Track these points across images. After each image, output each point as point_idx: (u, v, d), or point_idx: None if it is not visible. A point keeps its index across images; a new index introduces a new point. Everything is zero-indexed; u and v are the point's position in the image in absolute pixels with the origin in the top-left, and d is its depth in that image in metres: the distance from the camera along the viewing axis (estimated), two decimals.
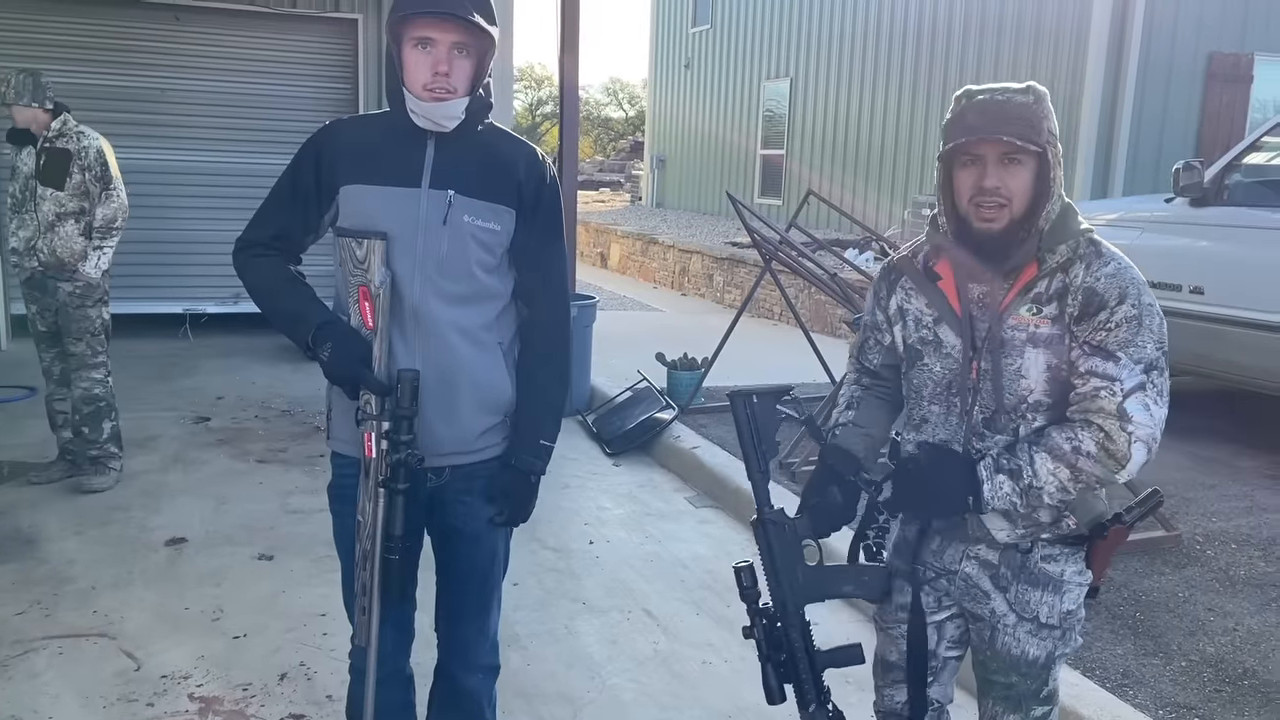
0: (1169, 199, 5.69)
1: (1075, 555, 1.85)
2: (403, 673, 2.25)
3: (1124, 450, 1.66)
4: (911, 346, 1.91)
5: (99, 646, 3.24)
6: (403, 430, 1.91)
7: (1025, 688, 1.89)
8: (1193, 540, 4.22)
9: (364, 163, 1.98)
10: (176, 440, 5.49)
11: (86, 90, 7.47)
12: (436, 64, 1.91)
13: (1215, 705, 3.00)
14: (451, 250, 1.98)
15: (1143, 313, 1.70)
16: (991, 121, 1.70)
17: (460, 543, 2.15)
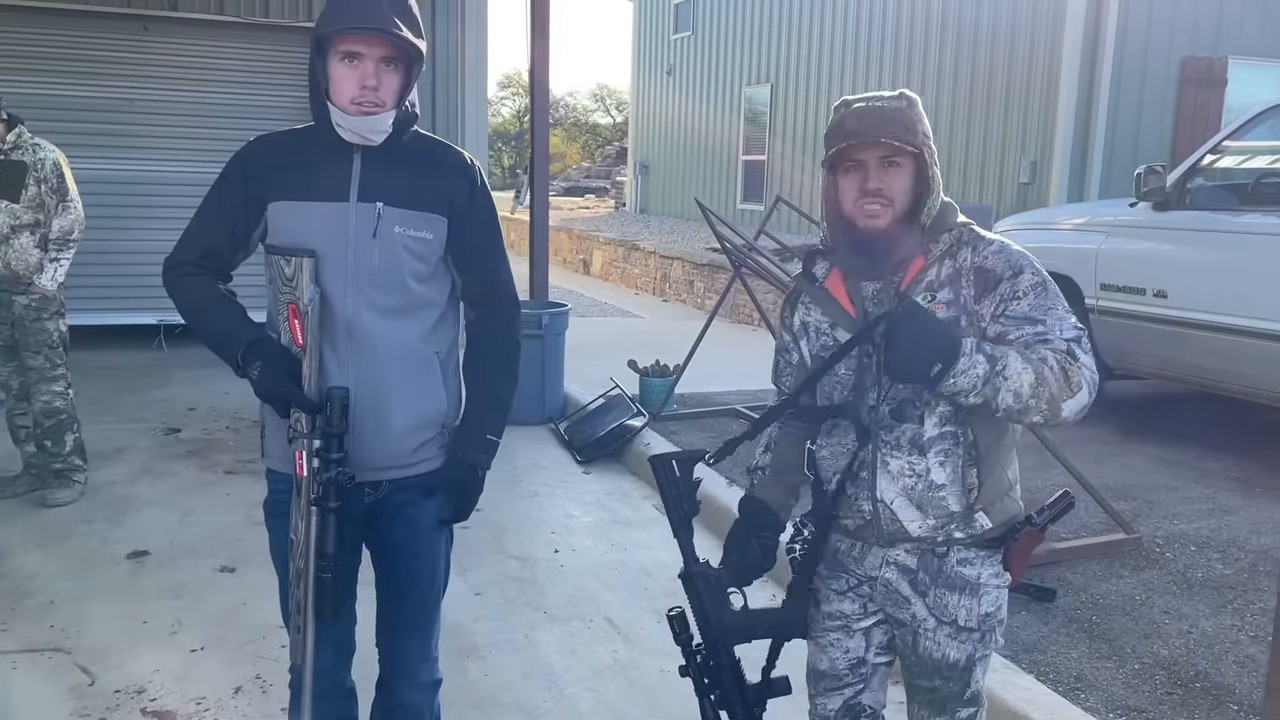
0: (1133, 203, 5.73)
1: (991, 558, 1.89)
2: (343, 686, 2.25)
3: (1077, 379, 1.71)
4: (817, 356, 1.96)
5: (54, 661, 3.23)
6: (334, 448, 1.91)
7: (949, 690, 1.92)
8: (1153, 543, 4.25)
9: (291, 178, 1.98)
10: (145, 452, 5.48)
11: (54, 101, 7.47)
12: (364, 78, 1.91)
13: (1166, 708, 3.02)
14: (383, 262, 1.99)
15: (1044, 280, 1.81)
16: (870, 126, 1.78)
17: (399, 556, 2.16)
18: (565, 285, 13.71)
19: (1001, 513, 1.87)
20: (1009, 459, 1.92)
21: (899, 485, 1.85)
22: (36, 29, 7.46)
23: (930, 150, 1.82)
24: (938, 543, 1.87)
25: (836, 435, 1.93)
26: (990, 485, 1.85)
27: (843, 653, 2.02)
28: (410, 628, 2.20)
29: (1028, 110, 10.88)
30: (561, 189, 27.95)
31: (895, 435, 1.84)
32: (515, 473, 5.42)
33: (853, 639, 2.01)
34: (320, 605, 1.96)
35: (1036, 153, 10.80)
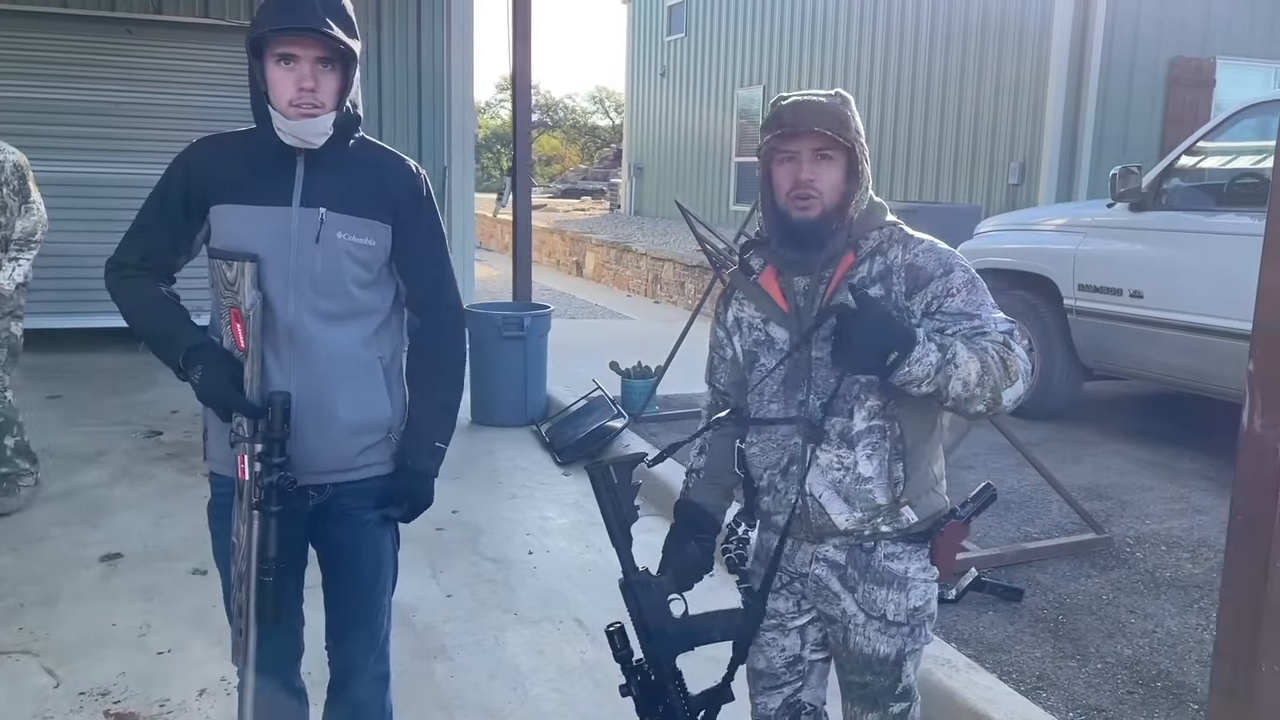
0: (1110, 204, 5.74)
1: (918, 553, 1.92)
2: (291, 686, 2.26)
3: (1016, 370, 1.76)
4: (749, 351, 1.99)
5: (20, 664, 3.24)
6: (275, 453, 1.92)
7: (880, 685, 1.94)
8: (1124, 543, 4.26)
9: (233, 182, 1.99)
10: (126, 455, 5.48)
11: (38, 104, 7.50)
12: (301, 80, 1.91)
13: (1126, 707, 3.03)
14: (325, 268, 2.00)
15: (974, 277, 1.85)
16: (804, 118, 1.83)
17: (343, 555, 2.17)
18: (558, 287, 13.73)
19: (927, 507, 1.90)
20: (935, 455, 1.94)
21: (827, 478, 1.88)
22: (19, 32, 7.47)
23: (861, 146, 1.86)
24: (864, 536, 1.89)
25: (767, 431, 1.95)
26: (916, 480, 1.88)
27: (779, 651, 2.04)
28: (355, 623, 2.21)
29: (1016, 112, 10.89)
30: (559, 191, 27.97)
31: (825, 429, 1.87)
32: (494, 475, 5.44)
33: (788, 637, 2.03)
34: (262, 608, 1.97)
35: (1025, 154, 10.81)
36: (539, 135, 36.82)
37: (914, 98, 12.31)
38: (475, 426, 6.36)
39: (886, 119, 12.71)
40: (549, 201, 24.60)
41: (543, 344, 6.49)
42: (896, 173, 12.64)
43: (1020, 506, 4.72)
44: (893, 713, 1.96)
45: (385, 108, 8.18)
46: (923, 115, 12.17)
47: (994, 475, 5.13)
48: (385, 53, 8.16)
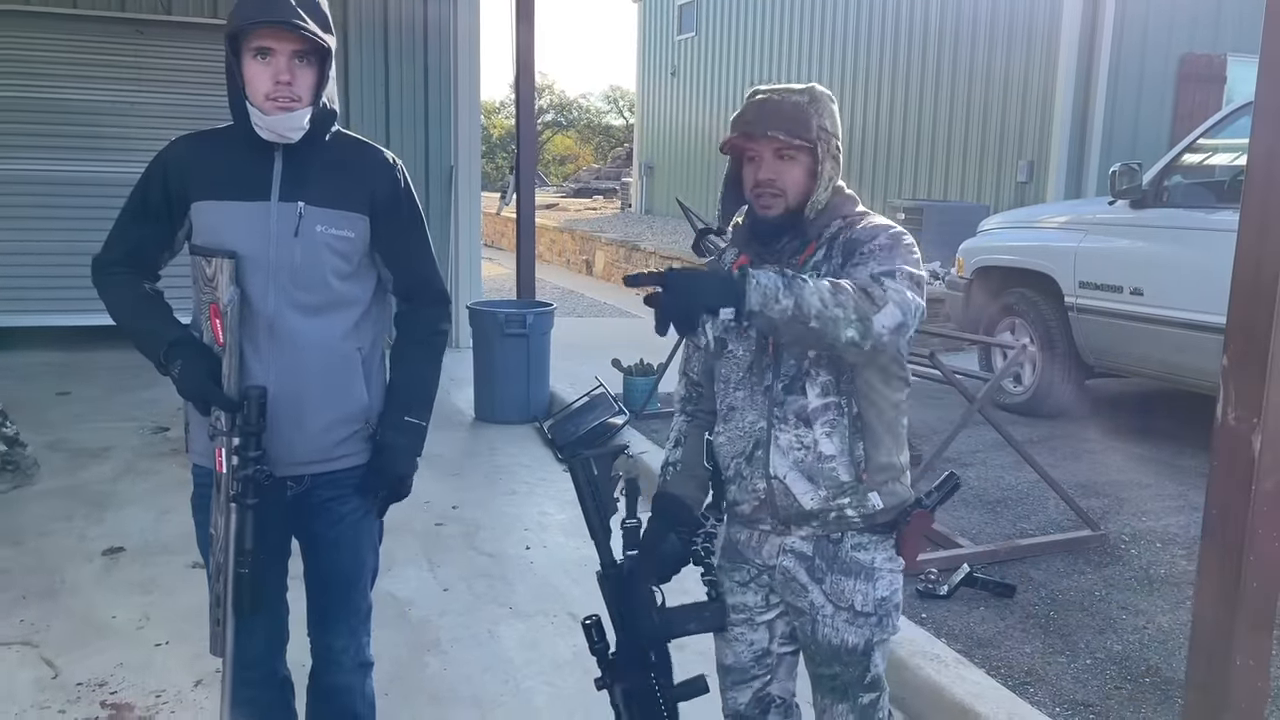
0: (1112, 202, 5.73)
1: (884, 543, 1.94)
2: (277, 675, 2.30)
3: (880, 296, 1.70)
4: (719, 339, 2.01)
5: (19, 655, 3.29)
6: (251, 446, 1.95)
7: (849, 676, 1.96)
8: (1119, 539, 4.26)
9: (212, 178, 2.02)
10: (131, 451, 5.54)
11: (50, 104, 7.59)
12: (277, 74, 1.94)
13: (1113, 703, 3.04)
14: (305, 261, 2.03)
15: (895, 243, 1.84)
16: (764, 119, 1.84)
17: (323, 547, 2.20)
18: (567, 285, 13.77)
19: (892, 495, 1.92)
20: (899, 446, 1.96)
21: (790, 459, 1.90)
22: (31, 33, 7.55)
23: (827, 145, 1.87)
24: (830, 520, 1.91)
25: (734, 420, 1.98)
26: (880, 462, 1.90)
27: (747, 645, 2.06)
28: (336, 613, 2.25)
29: (1025, 110, 10.86)
30: (571, 190, 27.99)
31: (784, 409, 1.90)
32: (495, 471, 5.47)
33: (756, 632, 2.05)
34: (239, 600, 2.00)
35: (1033, 152, 10.78)
36: (553, 135, 36.85)
37: (922, 95, 12.29)
38: (478, 423, 6.41)
39: (895, 117, 12.70)
40: (561, 200, 24.65)
41: (545, 341, 6.52)
42: (905, 171, 12.62)
43: (1017, 503, 4.72)
44: (862, 703, 1.97)
45: (392, 106, 8.22)
46: (931, 113, 12.15)
47: (991, 472, 5.14)
48: (392, 51, 8.20)
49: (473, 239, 8.67)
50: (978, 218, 7.95)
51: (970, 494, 4.85)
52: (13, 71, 7.55)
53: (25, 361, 7.53)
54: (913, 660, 3.16)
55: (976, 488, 4.94)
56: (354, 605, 2.26)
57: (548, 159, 35.34)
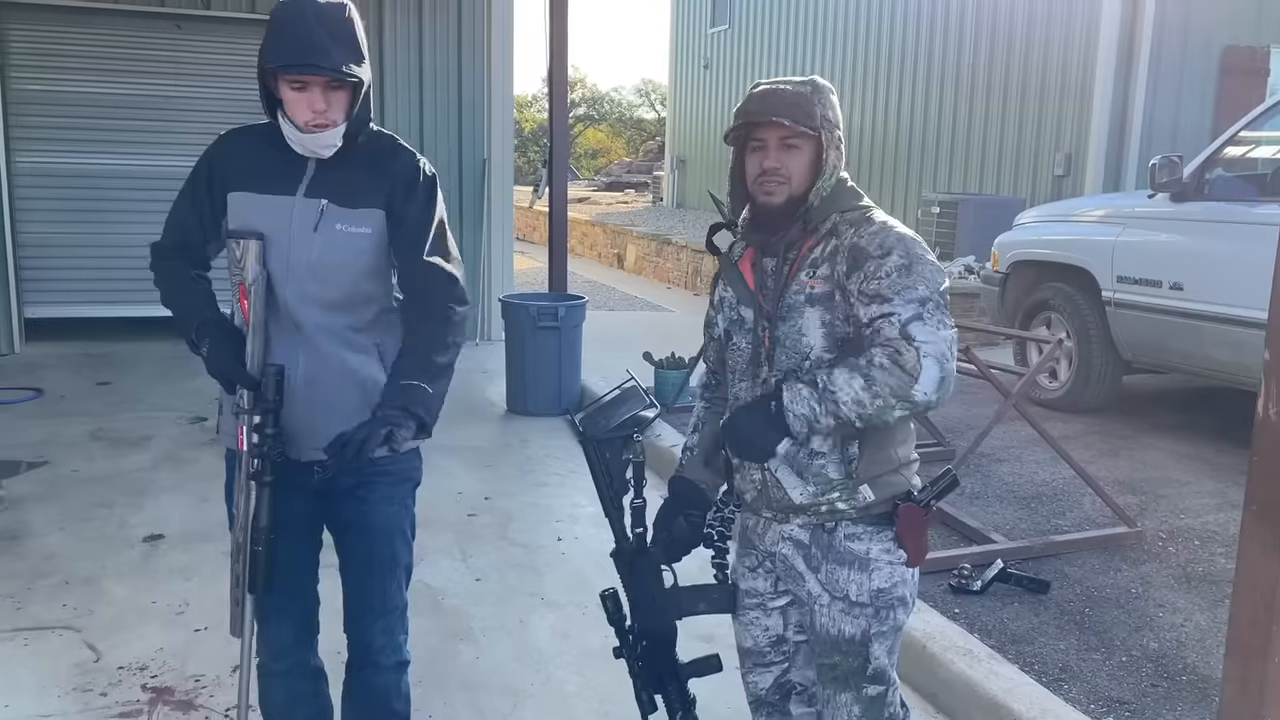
0: (1151, 195, 5.66)
1: (880, 534, 1.93)
2: (308, 664, 2.32)
3: (914, 362, 1.73)
4: (727, 330, 2.04)
5: (63, 639, 3.36)
6: (269, 423, 2.00)
7: (848, 666, 1.96)
8: (1156, 536, 4.21)
9: (249, 171, 2.08)
10: (170, 440, 5.63)
11: (91, 99, 7.71)
12: (313, 103, 1.98)
13: (1149, 700, 3.01)
14: (324, 257, 2.06)
15: (913, 262, 1.82)
16: (769, 108, 1.86)
17: (354, 538, 2.22)
18: (598, 279, 13.79)
19: (886, 487, 1.92)
20: (900, 438, 1.96)
21: (783, 454, 1.92)
22: (72, 28, 7.66)
23: (830, 135, 1.88)
24: (821, 512, 1.92)
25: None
26: (873, 459, 1.90)
27: (762, 630, 2.09)
28: (371, 610, 2.26)
29: (1062, 102, 10.72)
30: (603, 184, 28.01)
31: None
32: (527, 463, 5.50)
33: (770, 617, 2.07)
34: (254, 578, 2.05)
35: (1071, 145, 10.64)
36: (585, 129, 36.87)
37: (958, 86, 12.17)
38: (510, 415, 6.44)
39: (930, 109, 12.59)
40: (592, 194, 24.66)
41: (577, 334, 6.54)
42: (940, 164, 12.51)
43: (1051, 499, 4.68)
44: (868, 695, 1.97)
45: (426, 100, 8.26)
46: (967, 105, 12.03)
47: (1026, 468, 5.10)
48: (426, 45, 8.23)
49: (505, 232, 8.70)
50: (1014, 211, 7.87)
51: (1004, 490, 4.82)
52: (54, 66, 7.67)
53: (67, 352, 7.67)
54: (945, 655, 3.14)
55: (1010, 483, 4.91)
56: (388, 601, 2.27)
57: (580, 153, 35.37)
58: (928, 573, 3.75)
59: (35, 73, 7.63)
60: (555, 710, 3.08)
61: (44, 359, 7.46)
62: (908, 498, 1.92)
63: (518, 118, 21.12)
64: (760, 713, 2.18)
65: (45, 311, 7.94)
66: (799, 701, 2.12)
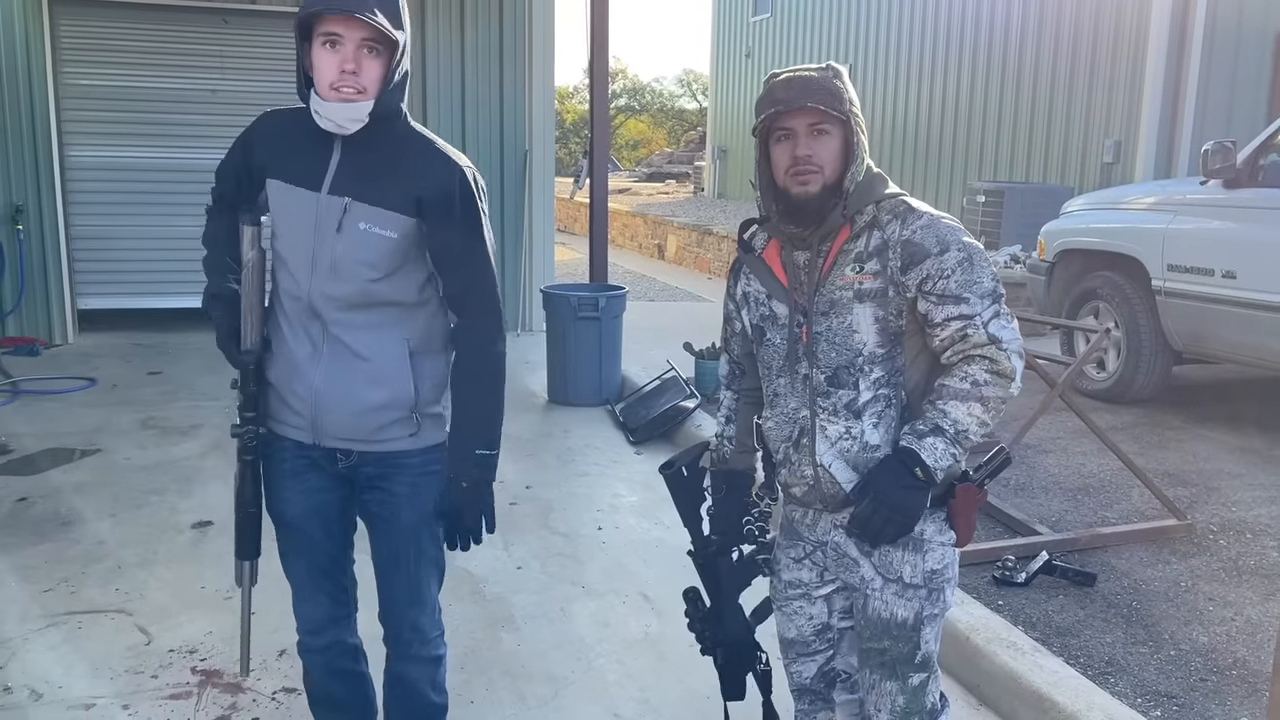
0: (1203, 181, 5.54)
1: (933, 515, 1.92)
2: (345, 642, 2.35)
3: (1009, 366, 1.80)
4: (756, 327, 2.02)
5: (115, 622, 3.44)
6: (246, 406, 2.10)
7: (898, 652, 1.95)
8: (1206, 529, 4.13)
9: (283, 157, 2.07)
10: (218, 429, 5.71)
11: (139, 93, 7.85)
12: (344, 62, 1.92)
13: (1198, 695, 2.96)
14: (344, 256, 2.03)
15: (971, 254, 1.83)
16: (798, 94, 1.83)
17: (381, 529, 2.24)
18: (639, 270, 13.80)
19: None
20: None
21: (836, 448, 1.91)
22: (122, 23, 7.80)
23: (857, 118, 1.86)
24: None
25: (778, 406, 1.99)
26: None
27: (807, 620, 2.08)
28: (399, 603, 2.27)
29: (1112, 87, 10.53)
30: (644, 174, 27.98)
31: (832, 401, 1.90)
32: (568, 453, 5.53)
33: (814, 606, 2.07)
34: (240, 544, 2.24)
35: (1121, 132, 10.45)
36: (626, 120, 36.85)
37: (1004, 72, 11.99)
38: (551, 405, 6.47)
39: (976, 96, 12.42)
40: (633, 185, 24.66)
41: (618, 324, 6.55)
42: (985, 152, 12.35)
43: (1098, 491, 4.61)
44: (912, 684, 1.96)
45: (468, 92, 8.30)
46: (1014, 91, 11.85)
47: (1072, 460, 5.03)
48: (468, 38, 8.27)
49: (546, 223, 8.73)
50: (1061, 199, 7.75)
51: (1050, 481, 4.76)
52: (105, 61, 7.81)
53: (118, 343, 7.83)
54: (989, 647, 3.11)
55: (1056, 475, 4.84)
56: (415, 595, 2.26)
57: (621, 144, 35.36)
58: (972, 564, 3.72)
59: (86, 68, 7.78)
60: (596, 698, 3.09)
61: (96, 349, 7.62)
62: (964, 477, 1.91)
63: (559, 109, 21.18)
64: (804, 700, 2.18)
65: (97, 303, 8.12)
66: (842, 689, 2.12)
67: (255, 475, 2.14)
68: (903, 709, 1.96)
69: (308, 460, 2.16)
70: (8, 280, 7.50)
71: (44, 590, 3.64)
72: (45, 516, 4.35)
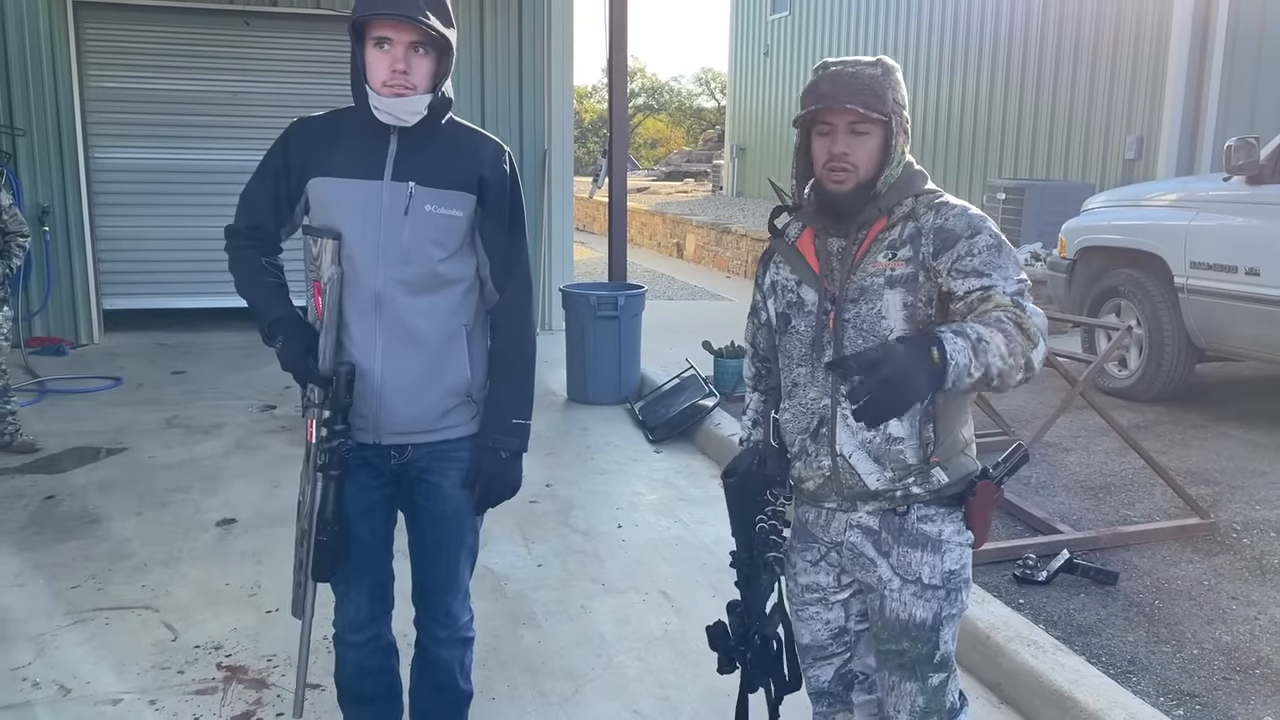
0: (1226, 178, 5.49)
1: (952, 515, 1.91)
2: (382, 639, 2.39)
3: (1031, 329, 1.72)
4: (781, 314, 2.01)
5: (142, 618, 3.48)
6: (337, 420, 2.06)
7: (917, 653, 1.94)
8: (1229, 528, 4.10)
9: (330, 156, 2.11)
10: (241, 427, 5.78)
11: (162, 95, 7.93)
12: (394, 62, 2.01)
13: (1221, 694, 2.95)
14: (412, 239, 2.10)
15: (1001, 244, 1.82)
16: (841, 91, 1.81)
17: (425, 520, 2.28)
18: (657, 269, 13.80)
19: (958, 468, 1.91)
20: (965, 418, 1.94)
21: (858, 439, 1.89)
22: (146, 26, 7.87)
23: (900, 119, 1.85)
24: (896, 498, 1.90)
25: (797, 396, 1.98)
26: (947, 441, 1.88)
27: (823, 624, 2.08)
28: (437, 588, 2.33)
29: (1134, 83, 10.44)
30: (662, 173, 27.95)
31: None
32: (587, 451, 5.54)
33: (831, 610, 2.06)
34: (316, 566, 2.12)
35: (1143, 127, 10.36)
36: (644, 119, 36.83)
37: (1024, 68, 11.91)
38: (570, 404, 6.49)
39: (996, 92, 12.35)
40: (652, 184, 24.65)
41: (637, 323, 6.56)
42: (1006, 149, 12.28)
43: (1120, 489, 4.58)
44: (931, 684, 1.95)
45: (487, 91, 8.33)
46: (1034, 87, 11.77)
47: (1094, 458, 5.00)
48: (488, 37, 8.30)
49: (565, 222, 8.76)
50: (1081, 196, 7.70)
51: (1071, 479, 4.74)
52: (129, 64, 7.90)
53: (142, 342, 7.91)
54: (1009, 646, 3.11)
55: (1077, 473, 4.82)
56: (453, 581, 2.33)
57: (639, 142, 35.34)
58: (993, 562, 3.71)
59: (111, 70, 7.87)
60: (616, 694, 3.11)
61: (122, 349, 7.71)
62: (983, 475, 1.90)
63: (577, 108, 21.23)
64: (822, 703, 2.18)
65: (122, 303, 8.21)
66: (860, 690, 2.12)
67: (340, 493, 2.11)
68: (922, 709, 1.96)
69: (361, 459, 2.18)
70: (34, 281, 7.59)
71: (71, 587, 3.69)
72: (72, 514, 4.41)
